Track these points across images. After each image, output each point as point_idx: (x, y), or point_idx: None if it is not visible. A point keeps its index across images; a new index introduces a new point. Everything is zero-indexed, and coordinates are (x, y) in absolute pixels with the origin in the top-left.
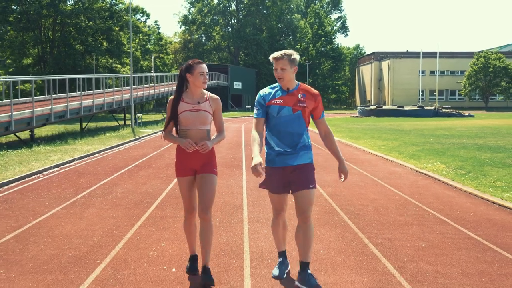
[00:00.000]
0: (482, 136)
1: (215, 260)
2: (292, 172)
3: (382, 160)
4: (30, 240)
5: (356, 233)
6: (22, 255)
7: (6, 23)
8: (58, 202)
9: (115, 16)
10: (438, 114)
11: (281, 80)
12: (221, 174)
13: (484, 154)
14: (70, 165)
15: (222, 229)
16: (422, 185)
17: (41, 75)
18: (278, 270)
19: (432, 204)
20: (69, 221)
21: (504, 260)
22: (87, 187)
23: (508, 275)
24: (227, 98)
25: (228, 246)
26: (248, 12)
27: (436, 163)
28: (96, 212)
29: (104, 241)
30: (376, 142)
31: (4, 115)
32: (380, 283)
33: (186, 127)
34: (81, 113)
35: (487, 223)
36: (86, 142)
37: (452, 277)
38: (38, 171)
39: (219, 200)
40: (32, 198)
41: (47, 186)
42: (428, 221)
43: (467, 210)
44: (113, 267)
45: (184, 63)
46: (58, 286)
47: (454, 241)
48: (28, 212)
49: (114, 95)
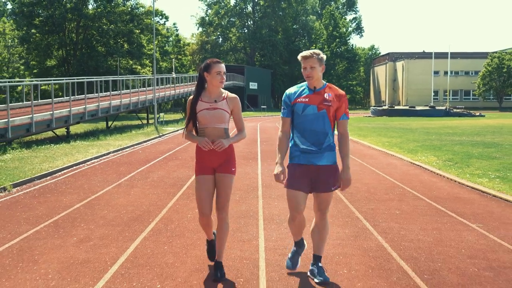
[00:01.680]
0: (482, 134)
1: (237, 220)
2: (316, 172)
3: (383, 154)
4: (95, 207)
5: (347, 205)
6: (93, 216)
7: (32, 26)
8: (107, 184)
9: (135, 19)
10: (449, 114)
11: (309, 78)
12: (240, 164)
13: (476, 149)
14: (107, 157)
15: (242, 202)
16: (412, 173)
17: (77, 77)
18: (291, 262)
19: (415, 187)
20: (120, 196)
21: (455, 221)
22: (127, 173)
23: (454, 230)
24: (243, 98)
25: (247, 212)
26: (264, 13)
27: (430, 156)
28: (140, 190)
29: (152, 208)
30: (381, 139)
31: (46, 114)
32: (358, 234)
33: (204, 126)
34: (110, 112)
35: (455, 200)
36: (116, 138)
37: (412, 231)
38: (82, 161)
39: (239, 183)
40: (85, 181)
41: (94, 173)
42: (407, 198)
43: (443, 191)
44: (163, 223)
45: (201, 63)
46: (126, 232)
47: (423, 210)
48: (86, 190)
49: (139, 96)
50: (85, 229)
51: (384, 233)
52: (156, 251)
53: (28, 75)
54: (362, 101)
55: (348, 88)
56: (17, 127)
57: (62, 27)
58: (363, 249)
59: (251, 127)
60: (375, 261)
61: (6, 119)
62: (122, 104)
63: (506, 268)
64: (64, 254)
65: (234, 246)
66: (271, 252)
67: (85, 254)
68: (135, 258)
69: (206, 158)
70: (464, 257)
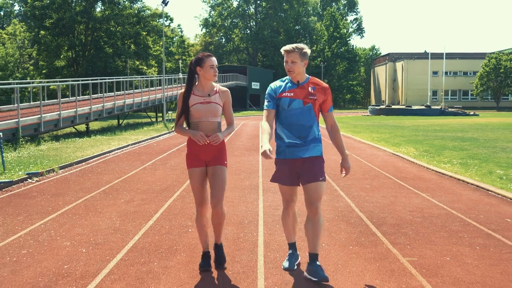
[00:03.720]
0: (466, 131)
1: (242, 190)
2: (302, 164)
3: (370, 147)
4: (130, 182)
5: (329, 182)
6: (131, 187)
7: (43, 28)
8: (134, 167)
9: (142, 21)
10: (444, 113)
11: (290, 72)
12: (243, 154)
13: (453, 143)
14: (127, 149)
15: (245, 179)
16: (390, 161)
17: (94, 77)
18: (288, 262)
19: (389, 170)
20: (147, 176)
21: (411, 192)
22: (149, 160)
23: (407, 197)
24: (246, 98)
25: (249, 185)
26: (266, 15)
27: (410, 148)
28: (162, 172)
29: (175, 183)
30: (372, 135)
31: (71, 111)
32: (332, 198)
33: (198, 120)
34: (124, 109)
35: (418, 179)
36: (131, 133)
37: (374, 197)
38: (108, 151)
39: (244, 166)
40: (115, 166)
41: (120, 160)
42: (379, 178)
43: (410, 173)
44: (186, 192)
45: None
46: (160, 197)
47: (388, 186)
48: (118, 171)
49: (149, 95)
50: (128, 195)
51: (352, 198)
52: (184, 207)
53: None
54: (363, 101)
55: (349, 88)
56: (48, 123)
57: (71, 29)
58: (335, 206)
59: (253, 124)
60: (342, 213)
61: (39, 115)
62: (135, 102)
63: (433, 217)
64: (118, 208)
65: (240, 205)
66: (268, 208)
67: (134, 208)
68: (170, 210)
69: (199, 151)
70: (406, 210)
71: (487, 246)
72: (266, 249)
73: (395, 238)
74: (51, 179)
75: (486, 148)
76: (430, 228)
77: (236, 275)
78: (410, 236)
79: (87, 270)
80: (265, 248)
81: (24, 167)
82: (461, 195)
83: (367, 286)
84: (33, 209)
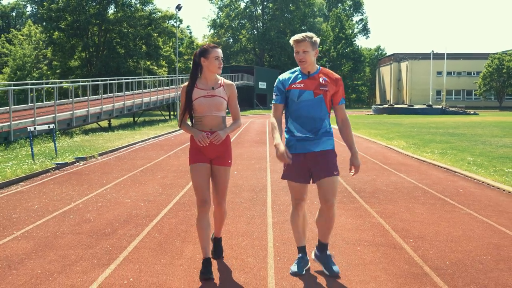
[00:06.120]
0: (459, 128)
1: (253, 172)
2: (313, 158)
3: (366, 140)
4: (160, 165)
5: None
6: (162, 169)
7: (58, 29)
8: (160, 155)
9: (153, 23)
10: (445, 112)
11: (302, 63)
12: (253, 145)
13: (441, 137)
14: (149, 141)
15: (256, 164)
16: (381, 152)
17: (118, 77)
18: (296, 266)
19: (377, 158)
20: (173, 161)
21: (391, 173)
22: (171, 150)
23: (386, 176)
24: (253, 97)
25: (259, 168)
26: (273, 16)
27: (401, 142)
28: (185, 158)
29: None
30: (370, 131)
31: (96, 108)
32: None
33: (201, 114)
34: (142, 107)
35: (400, 164)
36: (149, 129)
37: (360, 176)
38: (134, 143)
39: (253, 154)
40: (143, 154)
41: (146, 150)
42: (367, 163)
43: (395, 160)
44: None
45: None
46: (186, 176)
47: (374, 169)
48: (148, 158)
49: (164, 94)
50: (161, 173)
51: (341, 176)
52: None
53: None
54: (368, 101)
55: (354, 87)
56: (78, 118)
57: (85, 30)
58: None
59: (260, 122)
60: None
61: (71, 112)
62: (151, 101)
63: (402, 188)
64: (158, 181)
65: (252, 179)
66: (274, 182)
67: (169, 181)
68: None
69: (203, 149)
70: (382, 184)
71: (435, 204)
72: (273, 211)
73: (368, 199)
74: (94, 163)
75: (468, 142)
76: (397, 194)
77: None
78: (380, 198)
79: (149, 213)
80: (272, 209)
81: (70, 154)
82: (431, 175)
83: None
84: (92, 182)
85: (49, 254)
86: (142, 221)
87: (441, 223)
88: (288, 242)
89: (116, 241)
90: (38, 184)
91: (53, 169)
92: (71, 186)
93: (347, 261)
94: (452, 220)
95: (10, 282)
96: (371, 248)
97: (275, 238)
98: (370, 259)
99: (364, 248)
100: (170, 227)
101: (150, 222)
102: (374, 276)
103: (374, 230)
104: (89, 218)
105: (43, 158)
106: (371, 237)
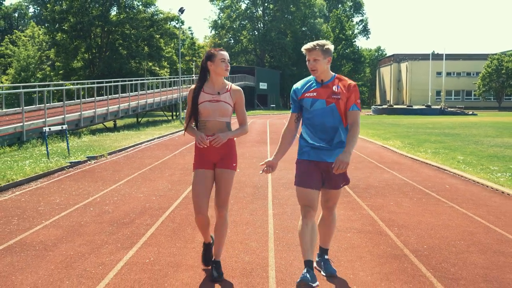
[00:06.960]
0: (455, 128)
1: (254, 170)
2: (326, 168)
3: (363, 140)
4: (167, 164)
5: None
6: (169, 167)
7: (61, 31)
8: (166, 154)
9: (155, 24)
10: (444, 112)
11: (314, 71)
12: (254, 145)
13: (436, 137)
14: (155, 141)
15: (257, 162)
16: (377, 151)
17: (123, 79)
18: (301, 278)
19: (373, 157)
20: (179, 160)
21: (384, 171)
22: (176, 149)
23: (380, 173)
24: (254, 97)
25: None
26: (274, 17)
27: (396, 141)
28: (191, 157)
29: None
30: (368, 131)
31: (103, 109)
32: None
33: (205, 119)
34: (146, 108)
35: (394, 163)
36: (153, 129)
37: (355, 174)
38: (140, 143)
39: (254, 153)
40: (150, 153)
41: (152, 149)
42: (363, 162)
43: (389, 159)
44: None
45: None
46: None
47: (369, 167)
48: (155, 157)
49: (167, 94)
50: (169, 171)
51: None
52: None
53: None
54: (368, 101)
55: None
56: (86, 119)
57: (88, 32)
58: None
59: (261, 123)
60: None
61: (79, 112)
62: (155, 102)
63: (394, 184)
64: (166, 178)
65: (254, 178)
66: (275, 179)
67: (177, 178)
68: None
69: (206, 152)
70: (375, 181)
71: (422, 198)
72: (274, 204)
73: (361, 194)
74: (104, 161)
75: (461, 141)
76: (388, 190)
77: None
78: (372, 193)
79: (161, 206)
80: (273, 203)
81: (82, 153)
82: (422, 172)
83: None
84: (105, 179)
85: (78, 239)
86: (156, 213)
87: (425, 214)
88: (286, 230)
89: (135, 229)
90: (55, 180)
91: (67, 167)
92: (86, 182)
93: (337, 245)
94: (435, 212)
95: (50, 261)
96: (359, 235)
97: (275, 227)
98: (357, 243)
99: (353, 235)
100: (181, 218)
101: (163, 213)
102: (360, 256)
103: (363, 220)
104: (107, 210)
105: (57, 157)
106: (360, 225)
